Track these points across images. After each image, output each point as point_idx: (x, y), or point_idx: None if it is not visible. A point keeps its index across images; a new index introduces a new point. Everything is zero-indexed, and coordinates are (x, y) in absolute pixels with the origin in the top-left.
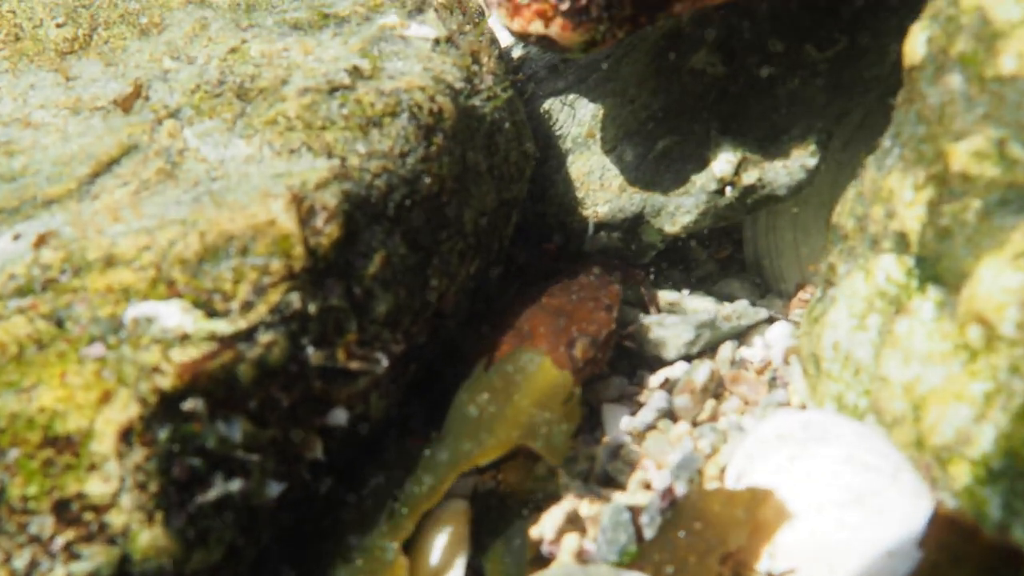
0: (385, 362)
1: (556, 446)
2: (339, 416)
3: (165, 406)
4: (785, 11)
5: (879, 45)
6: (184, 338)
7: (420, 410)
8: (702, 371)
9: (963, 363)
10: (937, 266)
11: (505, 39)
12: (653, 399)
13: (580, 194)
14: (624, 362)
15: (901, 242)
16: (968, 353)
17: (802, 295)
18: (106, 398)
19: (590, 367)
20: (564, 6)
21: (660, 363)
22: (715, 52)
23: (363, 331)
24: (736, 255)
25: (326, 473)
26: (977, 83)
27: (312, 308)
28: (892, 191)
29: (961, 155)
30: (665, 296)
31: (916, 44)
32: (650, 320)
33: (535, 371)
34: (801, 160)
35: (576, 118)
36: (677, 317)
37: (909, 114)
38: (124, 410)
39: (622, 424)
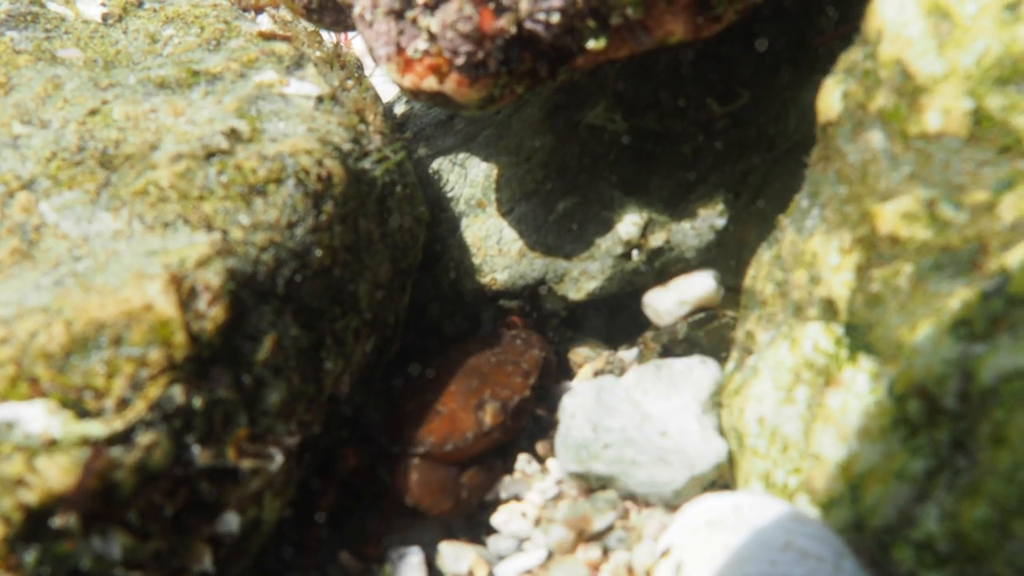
0: (280, 458)
1: None
2: (230, 522)
3: (31, 524)
4: (685, 65)
5: (783, 100)
6: (52, 444)
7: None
8: None
9: (903, 439)
10: (869, 335)
11: (387, 94)
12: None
13: (476, 260)
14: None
15: (828, 309)
16: (908, 428)
17: None
18: None
19: (498, 432)
20: (459, 60)
21: None
22: (614, 107)
23: (254, 424)
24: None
25: None
26: (900, 140)
27: (197, 402)
28: (816, 255)
29: (889, 217)
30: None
31: (831, 99)
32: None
33: None
34: (709, 220)
35: (468, 178)
36: None
37: (827, 173)
38: None
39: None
